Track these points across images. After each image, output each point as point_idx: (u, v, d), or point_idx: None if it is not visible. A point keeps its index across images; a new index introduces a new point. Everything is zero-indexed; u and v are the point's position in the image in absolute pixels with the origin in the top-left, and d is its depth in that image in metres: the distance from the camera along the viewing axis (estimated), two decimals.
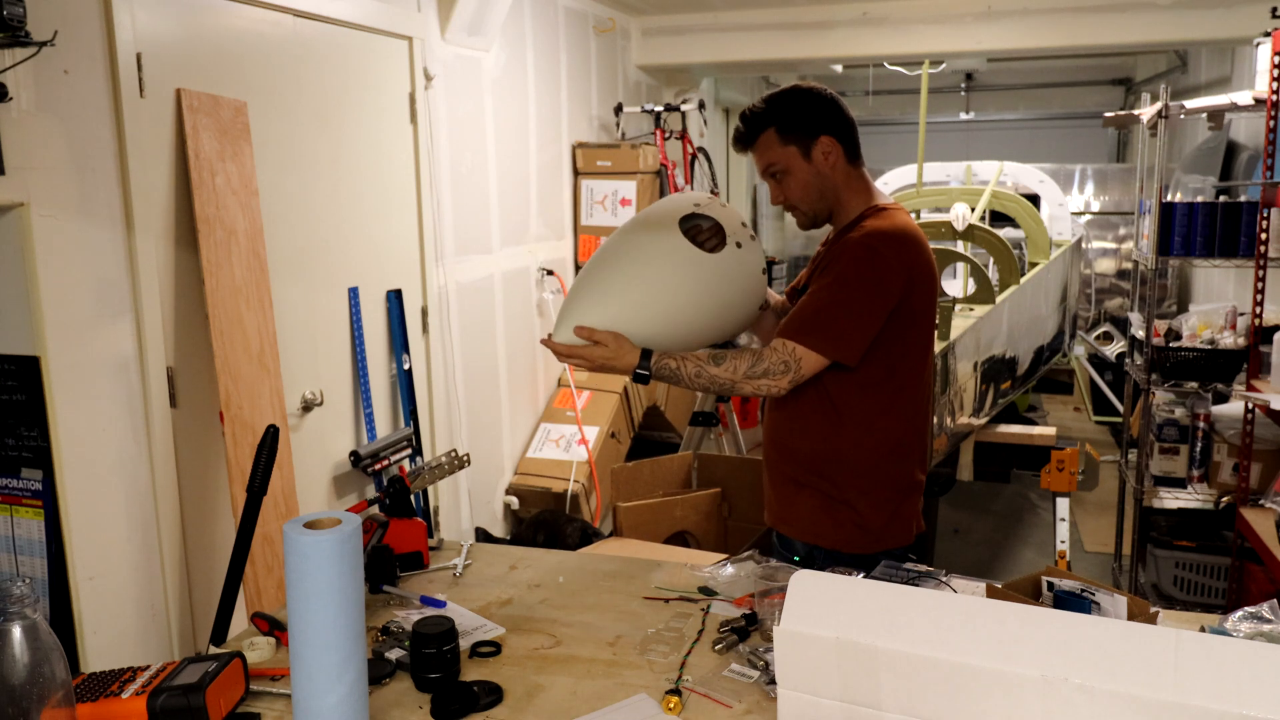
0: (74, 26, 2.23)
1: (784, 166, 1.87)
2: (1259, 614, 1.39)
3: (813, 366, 1.77)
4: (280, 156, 2.90)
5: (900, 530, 1.94)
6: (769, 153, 1.88)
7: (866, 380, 1.84)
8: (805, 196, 1.89)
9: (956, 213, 4.93)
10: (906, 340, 1.85)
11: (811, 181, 1.87)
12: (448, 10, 3.66)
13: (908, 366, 1.88)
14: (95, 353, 2.33)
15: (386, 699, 1.38)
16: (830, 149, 1.85)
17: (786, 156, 1.86)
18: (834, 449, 1.89)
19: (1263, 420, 3.38)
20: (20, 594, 1.08)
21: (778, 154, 1.87)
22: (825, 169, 1.86)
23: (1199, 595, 3.74)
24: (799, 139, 1.85)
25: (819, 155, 1.85)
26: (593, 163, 4.89)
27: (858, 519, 1.90)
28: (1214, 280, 5.65)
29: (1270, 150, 3.17)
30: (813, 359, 1.76)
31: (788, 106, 1.87)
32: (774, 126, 1.86)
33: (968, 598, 1.20)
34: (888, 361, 1.83)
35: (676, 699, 1.32)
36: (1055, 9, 4.99)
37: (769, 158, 1.88)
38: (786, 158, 1.86)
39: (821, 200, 1.89)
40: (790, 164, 1.86)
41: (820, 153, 1.85)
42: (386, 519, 1.81)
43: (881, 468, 1.91)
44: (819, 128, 1.85)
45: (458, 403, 3.89)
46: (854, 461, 1.89)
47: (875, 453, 1.90)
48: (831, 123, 1.86)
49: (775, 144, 1.87)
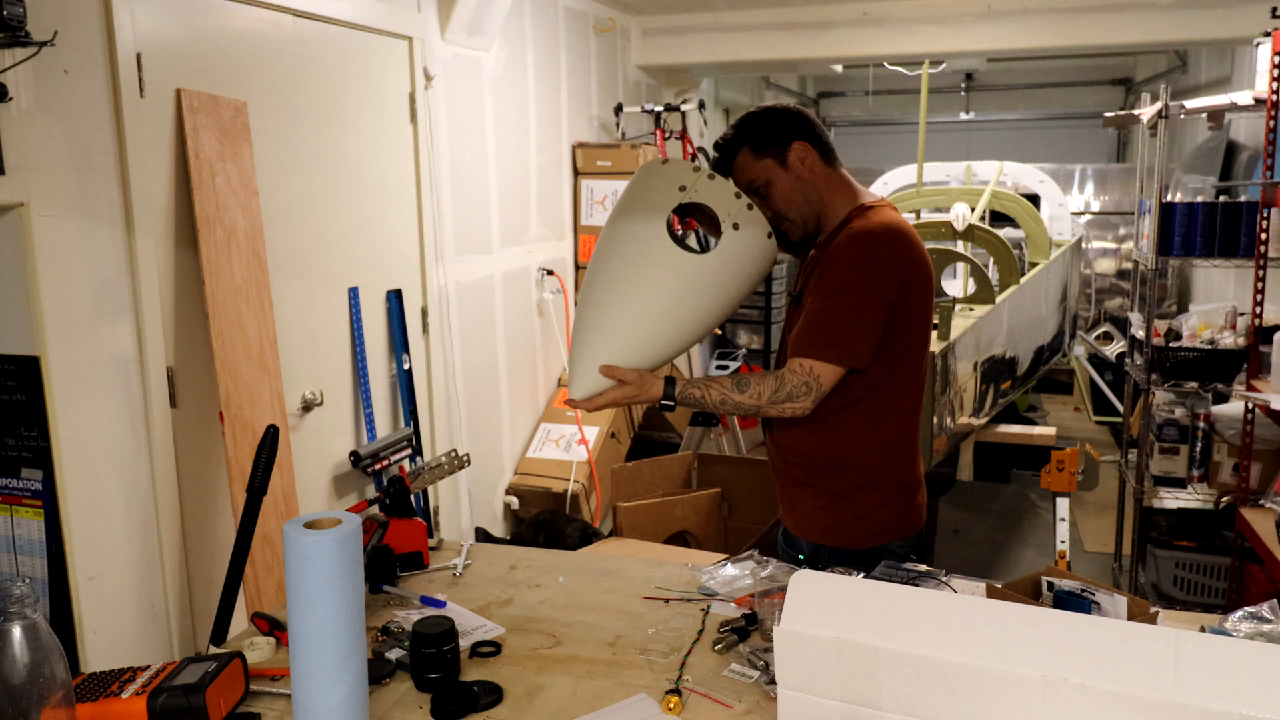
0: (74, 26, 2.23)
1: (764, 180, 1.89)
2: (1259, 614, 1.39)
3: (831, 380, 1.79)
4: (280, 156, 2.90)
5: (908, 521, 1.95)
6: (747, 171, 1.90)
7: (868, 381, 1.84)
8: (791, 204, 1.90)
9: (956, 213, 4.93)
10: (905, 338, 1.85)
11: (794, 188, 1.89)
12: (448, 10, 3.66)
13: (907, 366, 1.88)
14: (95, 353, 2.33)
15: (386, 699, 1.38)
16: (805, 153, 1.88)
17: (764, 169, 1.89)
18: (837, 450, 1.90)
19: (1263, 420, 3.38)
20: (20, 594, 1.08)
21: (756, 169, 1.89)
22: (804, 173, 1.88)
23: (1199, 595, 3.74)
24: (773, 150, 1.88)
25: (795, 161, 1.88)
26: (593, 163, 4.89)
27: (863, 515, 1.90)
28: (1214, 280, 5.65)
29: (1270, 150, 3.17)
30: (830, 372, 1.78)
31: (756, 124, 1.90)
32: (746, 146, 1.90)
33: (968, 598, 1.20)
34: (888, 360, 1.84)
35: (677, 699, 1.32)
36: (1055, 9, 4.99)
37: (748, 175, 1.90)
38: (764, 170, 1.89)
39: (808, 205, 1.91)
40: (769, 175, 1.89)
41: (796, 158, 1.88)
42: (386, 519, 1.81)
43: (885, 465, 1.92)
44: (789, 136, 1.88)
45: (458, 403, 3.89)
46: (858, 461, 1.90)
47: (878, 452, 1.90)
48: (800, 130, 1.89)
49: (751, 161, 1.90)
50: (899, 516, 1.93)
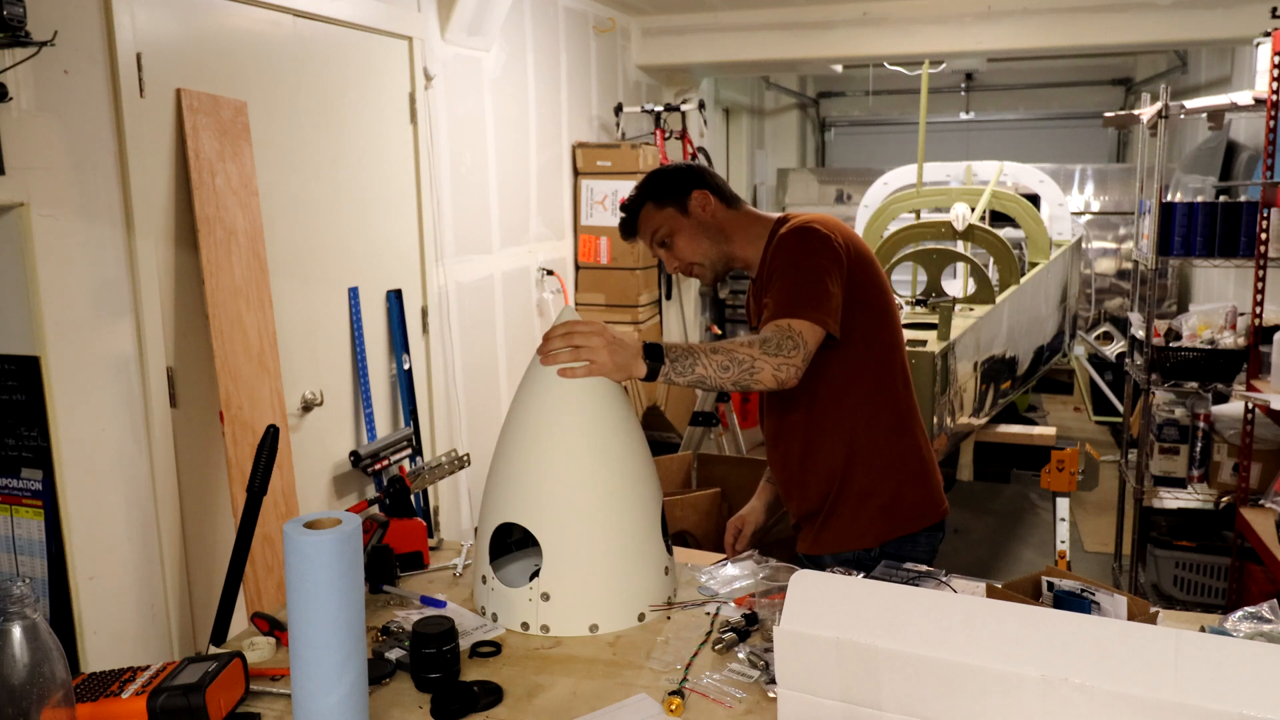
0: (74, 26, 2.23)
1: (668, 229, 1.96)
2: (1259, 614, 1.39)
3: (813, 338, 1.74)
4: (280, 156, 2.90)
5: (929, 510, 1.96)
6: (650, 222, 1.98)
7: (847, 357, 1.85)
8: (696, 249, 1.96)
9: (956, 213, 4.93)
10: (871, 312, 1.87)
11: (697, 232, 1.95)
12: (448, 10, 3.66)
13: (882, 341, 1.90)
14: (95, 353, 2.33)
15: (386, 699, 1.38)
16: (704, 199, 1.95)
17: (666, 218, 1.96)
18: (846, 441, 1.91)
19: (1263, 420, 3.38)
20: (20, 594, 1.08)
21: (658, 219, 1.97)
22: (706, 218, 1.95)
23: (1199, 595, 3.74)
24: (673, 199, 1.96)
25: (696, 207, 1.95)
26: (593, 163, 4.89)
27: (881, 511, 1.92)
28: (1214, 280, 5.65)
29: (1270, 150, 3.17)
30: (810, 330, 1.73)
31: (655, 181, 2.00)
32: (649, 200, 1.98)
33: (968, 598, 1.20)
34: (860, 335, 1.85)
35: (679, 700, 1.32)
36: (1055, 9, 4.99)
37: (652, 226, 1.98)
38: (666, 219, 1.96)
39: (715, 248, 1.97)
40: (672, 224, 1.96)
41: (696, 205, 1.95)
42: (386, 519, 1.81)
43: (893, 447, 1.93)
44: (687, 187, 1.96)
45: (458, 403, 3.89)
46: (869, 448, 1.91)
47: (886, 436, 1.92)
48: (697, 180, 1.97)
49: (654, 213, 1.97)
50: (918, 505, 1.95)
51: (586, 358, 1.56)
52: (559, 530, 1.55)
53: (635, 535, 1.59)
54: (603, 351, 1.56)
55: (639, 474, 1.61)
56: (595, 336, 1.56)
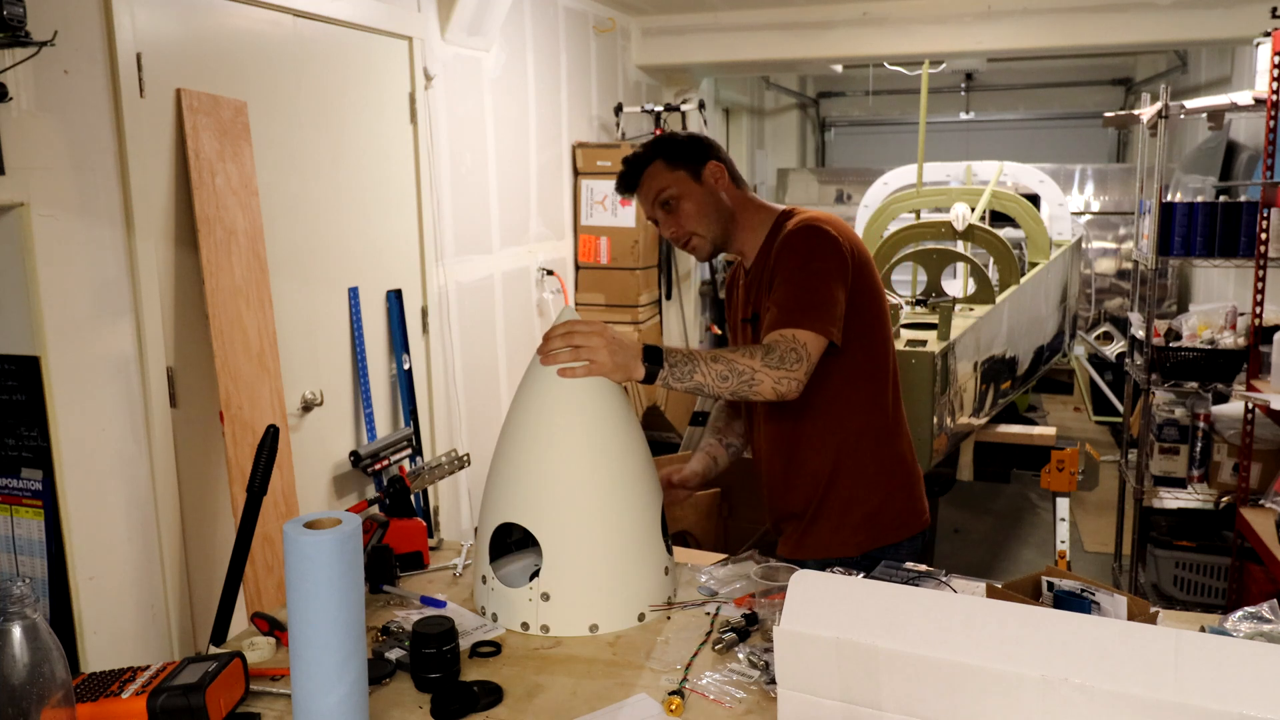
0: (74, 26, 2.23)
1: (677, 191, 1.88)
2: (1259, 614, 1.39)
3: (816, 349, 1.72)
4: (280, 156, 2.90)
5: (912, 520, 1.96)
6: (658, 180, 1.89)
7: (845, 365, 1.84)
8: (703, 219, 1.89)
9: (956, 213, 4.93)
10: (866, 319, 1.86)
11: (707, 201, 1.89)
12: (448, 10, 3.66)
13: (876, 349, 1.90)
14: (95, 353, 2.33)
15: (386, 699, 1.38)
16: (719, 172, 1.90)
17: (677, 180, 1.88)
18: (828, 466, 1.91)
19: (1263, 420, 3.38)
20: (20, 594, 1.08)
21: (668, 178, 1.89)
22: (717, 190, 1.90)
23: (1199, 595, 3.74)
24: (686, 164, 1.89)
25: (709, 178, 1.89)
26: (593, 163, 4.89)
27: (865, 520, 1.91)
28: (1214, 280, 5.65)
29: (1270, 150, 3.17)
30: (814, 341, 1.72)
31: (670, 142, 1.93)
32: (661, 158, 1.90)
33: (968, 598, 1.20)
34: (858, 342, 1.84)
35: (679, 700, 1.32)
36: (1055, 9, 4.99)
37: (659, 184, 1.89)
38: (678, 181, 1.88)
39: (719, 222, 1.90)
40: (682, 188, 1.88)
41: (711, 175, 1.89)
42: (386, 519, 1.81)
43: (880, 456, 1.93)
44: (705, 155, 1.90)
45: (458, 403, 3.89)
46: (851, 470, 1.91)
47: (874, 445, 1.92)
48: (714, 152, 1.92)
49: (663, 171, 1.89)
50: (901, 515, 1.94)
51: (586, 358, 1.55)
52: (559, 530, 1.55)
53: (635, 535, 1.59)
54: (603, 351, 1.55)
55: (639, 474, 1.61)
56: (595, 336, 1.56)
